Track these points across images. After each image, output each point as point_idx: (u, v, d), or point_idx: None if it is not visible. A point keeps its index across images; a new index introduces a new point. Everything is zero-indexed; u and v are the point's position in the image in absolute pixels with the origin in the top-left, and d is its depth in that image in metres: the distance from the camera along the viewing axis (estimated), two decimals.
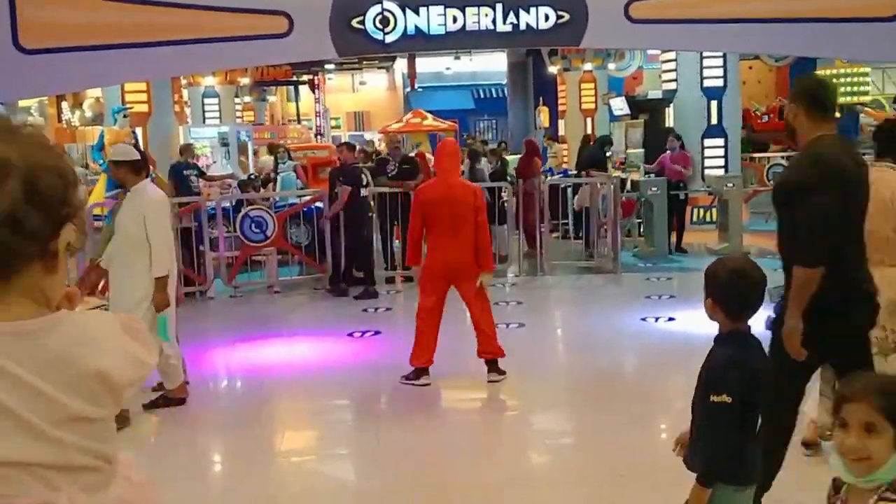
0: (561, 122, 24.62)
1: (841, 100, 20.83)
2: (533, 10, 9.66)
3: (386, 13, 9.67)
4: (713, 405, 2.92)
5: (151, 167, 13.10)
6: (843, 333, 3.89)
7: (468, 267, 6.65)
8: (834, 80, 20.86)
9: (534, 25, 9.72)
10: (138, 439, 5.83)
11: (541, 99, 27.09)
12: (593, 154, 14.96)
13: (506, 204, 12.04)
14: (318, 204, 11.35)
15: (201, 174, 13.26)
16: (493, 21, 9.77)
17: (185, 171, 12.68)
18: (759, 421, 3.00)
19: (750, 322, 3.05)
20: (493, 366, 6.82)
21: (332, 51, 9.93)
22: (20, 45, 8.28)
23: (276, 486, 5.23)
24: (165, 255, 6.06)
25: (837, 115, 20.01)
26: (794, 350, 3.78)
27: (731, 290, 3.02)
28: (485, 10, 9.72)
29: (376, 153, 16.83)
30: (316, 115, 33.67)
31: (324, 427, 6.39)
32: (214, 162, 17.50)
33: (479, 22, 9.77)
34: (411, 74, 32.97)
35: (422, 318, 6.77)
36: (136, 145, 13.17)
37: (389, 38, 9.74)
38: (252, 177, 15.23)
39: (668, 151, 13.55)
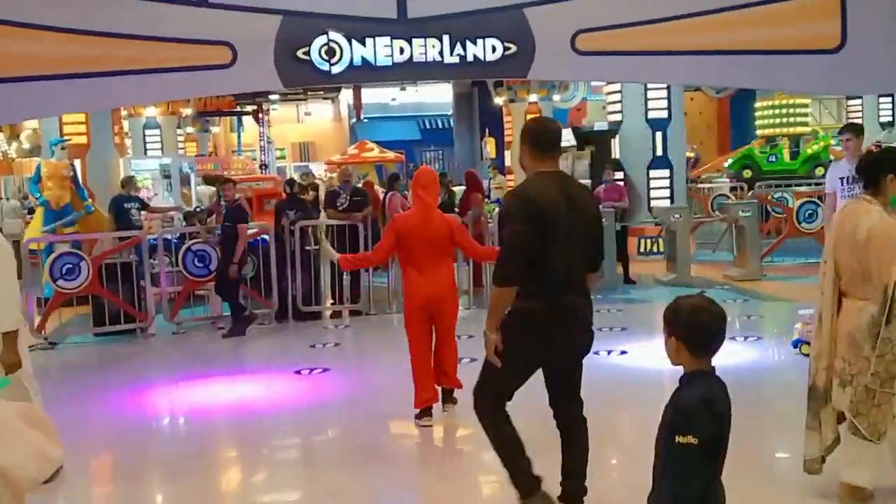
0: (507, 153, 24.72)
1: (781, 130, 21.22)
2: (480, 41, 9.65)
3: (332, 44, 9.57)
4: (679, 446, 2.86)
5: (90, 200, 12.88)
6: (557, 355, 4.38)
7: (447, 300, 6.53)
8: (775, 111, 21.26)
9: (481, 57, 9.71)
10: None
11: (486, 130, 27.19)
12: None
13: None
14: (265, 236, 11.14)
15: (144, 206, 12.97)
16: (441, 53, 9.73)
17: (126, 204, 12.41)
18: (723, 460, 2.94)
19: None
20: (448, 395, 6.75)
21: (277, 81, 9.80)
22: None
23: None
24: (11, 308, 5.13)
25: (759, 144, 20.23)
26: (491, 358, 4.28)
27: (693, 328, 2.99)
28: (432, 41, 9.69)
29: (313, 186, 16.64)
30: (260, 147, 33.35)
31: (271, 470, 6.17)
32: (156, 194, 17.18)
33: (426, 53, 9.72)
34: (357, 105, 32.94)
35: (412, 357, 6.57)
36: (74, 178, 12.91)
37: (335, 70, 9.64)
38: (198, 209, 14.95)
39: (603, 184, 13.60)
